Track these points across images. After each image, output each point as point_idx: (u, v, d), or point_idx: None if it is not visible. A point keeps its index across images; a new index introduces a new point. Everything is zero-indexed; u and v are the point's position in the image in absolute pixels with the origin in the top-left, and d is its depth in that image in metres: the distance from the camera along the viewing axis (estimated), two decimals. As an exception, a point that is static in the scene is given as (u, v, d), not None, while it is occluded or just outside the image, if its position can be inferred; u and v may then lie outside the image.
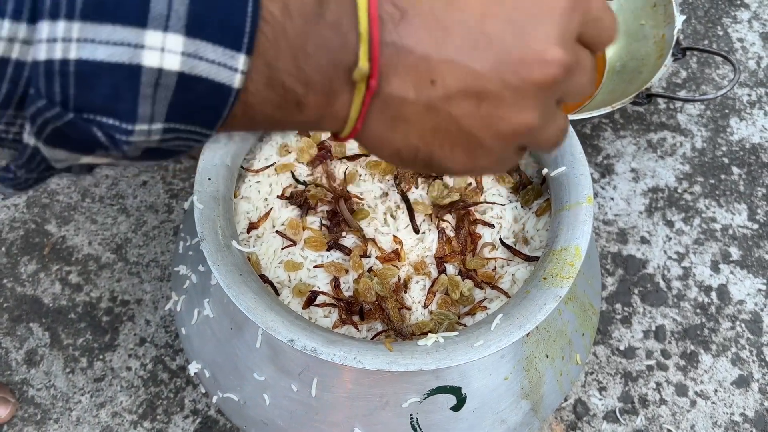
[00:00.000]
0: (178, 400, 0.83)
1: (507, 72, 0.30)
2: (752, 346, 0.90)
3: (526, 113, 0.32)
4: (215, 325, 0.62)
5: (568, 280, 0.55)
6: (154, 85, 0.27)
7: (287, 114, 0.32)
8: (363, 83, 0.31)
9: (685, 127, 1.07)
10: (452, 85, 0.31)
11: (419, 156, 0.34)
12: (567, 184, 0.60)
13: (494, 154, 0.33)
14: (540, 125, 0.32)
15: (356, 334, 0.59)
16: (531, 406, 0.62)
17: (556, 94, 0.32)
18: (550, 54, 0.31)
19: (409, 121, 0.32)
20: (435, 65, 0.30)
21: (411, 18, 0.30)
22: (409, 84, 0.31)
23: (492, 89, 0.31)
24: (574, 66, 0.32)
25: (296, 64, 0.30)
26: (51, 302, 0.89)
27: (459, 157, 0.34)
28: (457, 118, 0.32)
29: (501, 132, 0.32)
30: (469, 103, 0.31)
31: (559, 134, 0.35)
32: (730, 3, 1.21)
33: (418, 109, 0.31)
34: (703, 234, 0.98)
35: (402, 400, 0.57)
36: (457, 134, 0.32)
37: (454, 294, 0.60)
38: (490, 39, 0.30)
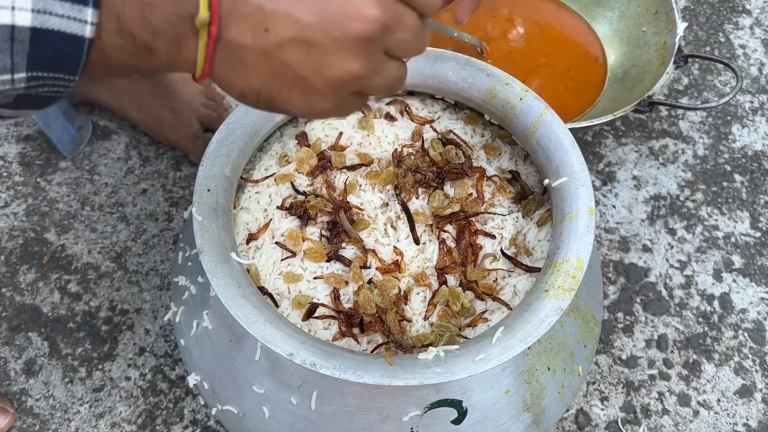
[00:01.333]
0: (177, 410, 0.83)
1: (330, 25, 0.35)
2: (755, 356, 0.89)
3: (350, 63, 0.36)
4: (214, 337, 0.62)
5: (570, 292, 0.54)
6: (10, 40, 0.31)
7: (140, 59, 0.35)
8: (204, 30, 0.35)
9: (687, 135, 1.07)
10: (283, 33, 0.35)
11: (261, 97, 0.38)
12: (568, 195, 0.59)
13: (329, 98, 0.38)
14: (366, 74, 0.37)
15: (356, 347, 0.59)
16: (532, 419, 0.62)
17: (379, 47, 0.37)
18: (368, 11, 0.35)
19: (248, 66, 0.36)
20: (269, 15, 0.34)
21: None
22: (247, 31, 0.35)
23: (318, 39, 0.35)
24: (392, 23, 0.36)
25: (143, 14, 0.34)
26: (50, 311, 0.89)
27: (297, 100, 0.38)
28: (290, 64, 0.36)
29: (329, 78, 0.36)
30: (299, 51, 0.35)
31: (392, 82, 0.40)
32: (732, 9, 1.21)
33: (256, 55, 0.36)
34: (705, 242, 0.98)
35: (402, 413, 0.56)
36: (292, 79, 0.37)
37: (455, 306, 0.59)
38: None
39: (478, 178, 0.66)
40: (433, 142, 0.67)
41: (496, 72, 0.66)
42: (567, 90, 1.03)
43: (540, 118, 0.63)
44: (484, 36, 1.05)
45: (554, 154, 0.62)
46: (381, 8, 0.35)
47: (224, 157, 0.61)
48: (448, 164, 0.66)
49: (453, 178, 0.66)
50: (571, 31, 1.09)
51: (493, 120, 0.68)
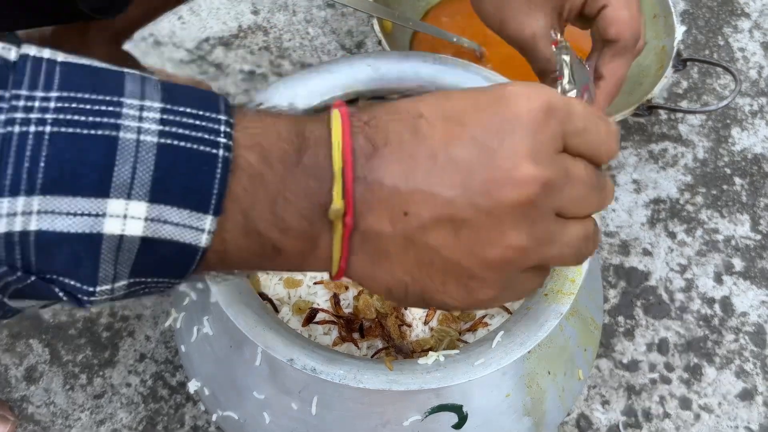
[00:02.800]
0: (178, 416, 0.83)
1: (477, 195, 0.29)
2: (756, 359, 0.89)
3: (509, 236, 0.30)
4: (215, 343, 0.62)
5: (570, 296, 0.54)
6: (116, 250, 0.27)
7: (266, 259, 0.31)
8: (339, 222, 0.30)
9: (687, 138, 1.07)
10: (424, 215, 0.29)
11: (410, 291, 0.32)
12: (568, 199, 0.60)
13: (492, 283, 0.31)
14: (535, 245, 0.30)
15: (356, 352, 0.59)
16: (533, 423, 0.62)
17: (545, 210, 0.30)
18: (522, 171, 0.29)
19: (391, 256, 0.31)
20: (406, 196, 0.29)
21: (382, 151, 0.30)
22: (384, 218, 0.30)
23: (465, 215, 0.29)
24: (556, 180, 0.30)
25: (273, 211, 0.29)
26: (51, 318, 0.89)
27: (453, 290, 0.31)
28: (437, 248, 0.30)
29: (488, 259, 0.30)
30: (446, 232, 0.30)
31: (576, 247, 0.33)
32: (731, 12, 1.21)
33: (397, 243, 0.30)
34: (705, 245, 0.98)
35: (403, 418, 0.56)
36: (442, 266, 0.31)
37: (454, 310, 0.59)
38: (457, 163, 0.29)
39: (478, 182, 0.66)
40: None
41: (494, 76, 0.66)
42: (566, 94, 1.03)
43: (539, 122, 0.63)
44: (483, 41, 1.06)
45: (553, 158, 0.62)
46: (538, 165, 0.29)
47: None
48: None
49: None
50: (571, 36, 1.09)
51: (492, 124, 0.68)
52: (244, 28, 1.17)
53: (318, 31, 1.18)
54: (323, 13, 1.20)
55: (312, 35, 1.18)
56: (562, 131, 0.31)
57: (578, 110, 0.31)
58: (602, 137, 0.32)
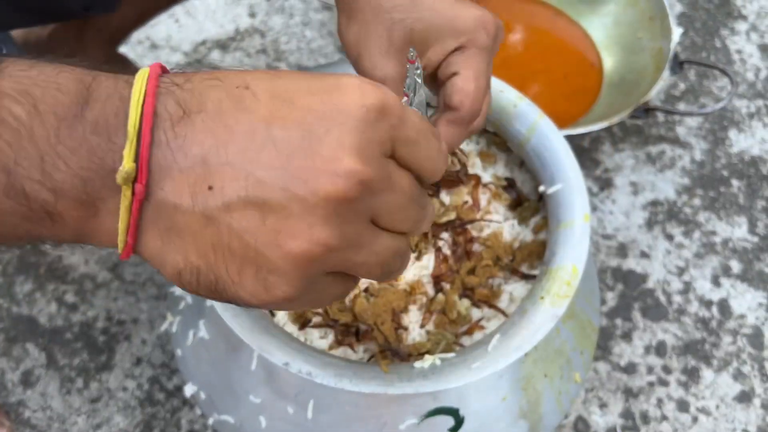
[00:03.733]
0: (174, 420, 0.83)
1: (293, 181, 0.27)
2: (754, 361, 0.89)
3: (318, 231, 0.27)
4: (210, 347, 0.62)
5: (566, 299, 0.54)
6: None
7: (38, 226, 0.28)
8: (128, 188, 0.27)
9: (684, 140, 1.07)
10: (231, 192, 0.27)
11: (201, 278, 0.29)
12: (563, 202, 0.60)
13: (292, 279, 0.28)
14: (342, 246, 0.28)
15: (352, 356, 0.59)
16: (530, 426, 0.62)
17: (360, 211, 0.28)
18: (343, 164, 0.27)
19: (185, 234, 0.28)
20: (213, 169, 0.27)
21: (194, 118, 0.28)
22: (184, 189, 0.27)
23: (277, 200, 0.27)
24: (377, 181, 0.28)
25: (42, 169, 0.27)
26: (47, 322, 0.89)
27: (249, 282, 0.28)
28: (239, 232, 0.27)
29: (291, 251, 0.27)
30: (252, 215, 0.27)
31: (385, 259, 0.31)
32: (728, 15, 1.22)
33: (195, 219, 0.27)
34: (703, 247, 0.98)
35: (399, 421, 0.56)
36: (242, 253, 0.28)
37: (451, 314, 0.59)
38: (277, 143, 0.27)
39: (474, 185, 0.66)
40: (428, 149, 0.68)
41: (490, 79, 0.66)
42: (563, 96, 1.03)
43: (534, 125, 0.63)
44: (480, 43, 1.06)
45: (549, 161, 0.62)
46: (361, 161, 0.27)
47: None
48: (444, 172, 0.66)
49: (448, 185, 0.66)
50: (568, 38, 1.09)
51: (488, 127, 0.68)
52: (241, 30, 1.17)
53: (315, 33, 1.18)
54: (320, 16, 1.20)
55: (309, 38, 1.18)
56: (393, 136, 0.29)
57: (413, 121, 0.30)
58: (432, 154, 0.31)
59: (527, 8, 1.11)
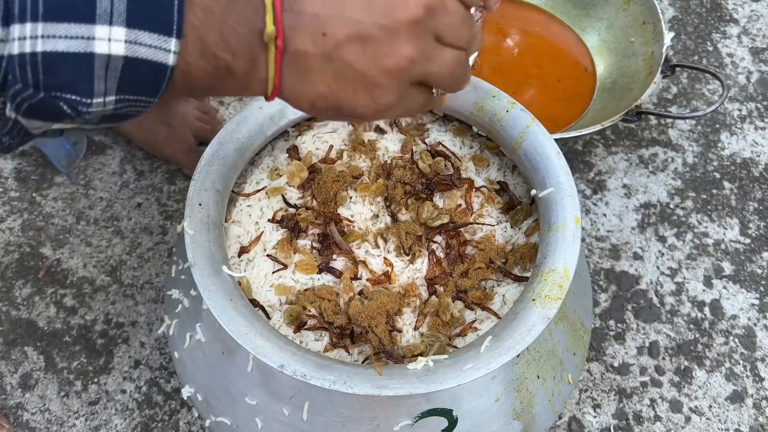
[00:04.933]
0: (172, 422, 0.83)
1: (378, 15, 0.37)
2: (746, 361, 0.90)
3: (402, 47, 0.38)
4: (207, 350, 0.62)
5: (557, 301, 0.55)
6: (105, 68, 0.34)
7: (221, 80, 0.38)
8: (272, 44, 0.37)
9: (677, 143, 1.08)
10: (338, 34, 0.37)
11: (329, 102, 0.40)
12: (555, 205, 0.60)
13: (391, 90, 0.39)
14: (420, 58, 0.39)
15: (347, 358, 0.59)
16: (523, 427, 0.62)
17: (428, 30, 0.39)
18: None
19: (313, 72, 0.38)
20: (323, 19, 0.37)
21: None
22: (308, 39, 0.37)
23: (370, 32, 0.37)
24: (437, 6, 0.38)
25: (223, 37, 0.37)
26: (46, 325, 0.90)
27: (362, 98, 0.40)
28: (350, 62, 0.38)
29: (387, 68, 0.38)
30: (356, 47, 0.38)
31: (451, 68, 0.41)
32: (720, 18, 1.23)
33: (318, 60, 0.38)
34: (695, 249, 0.98)
35: (393, 423, 0.57)
36: (354, 77, 0.39)
37: (444, 316, 0.60)
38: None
39: (467, 189, 0.67)
40: (422, 154, 0.68)
41: (483, 85, 0.67)
42: (557, 100, 1.04)
43: (526, 129, 0.64)
44: (475, 48, 1.06)
45: (541, 164, 0.63)
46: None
47: (215, 172, 0.61)
48: (437, 176, 0.67)
49: (442, 189, 0.67)
50: (561, 43, 1.10)
51: (481, 132, 0.69)
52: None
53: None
54: None
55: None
56: None
57: None
58: None
59: (521, 13, 1.12)
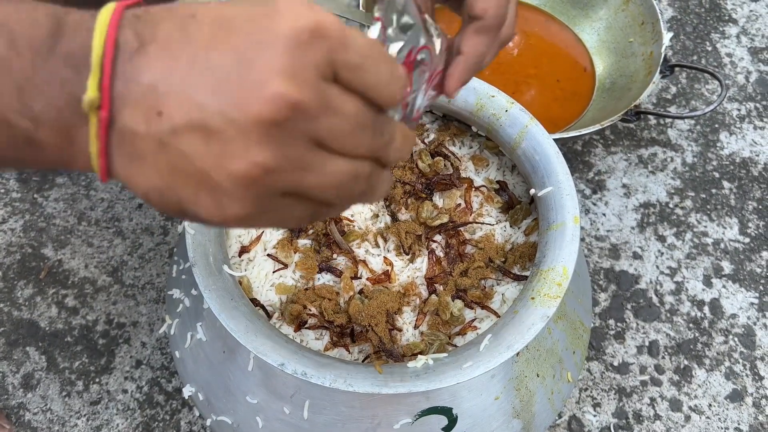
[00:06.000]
0: (174, 422, 0.83)
1: (227, 105, 0.28)
2: (745, 360, 0.90)
3: (254, 152, 0.29)
4: (208, 349, 0.63)
5: (556, 299, 0.55)
6: None
7: (23, 152, 0.31)
8: (94, 114, 0.29)
9: (676, 143, 1.08)
10: (177, 117, 0.29)
11: (166, 199, 0.31)
12: (553, 205, 0.61)
13: (243, 201, 0.30)
14: (284, 168, 0.29)
15: (347, 356, 0.59)
16: (522, 425, 0.63)
17: (296, 134, 0.29)
18: (271, 88, 0.28)
19: (146, 158, 0.30)
20: (162, 96, 0.29)
21: (147, 48, 0.29)
22: (139, 116, 0.29)
23: (215, 123, 0.28)
24: (310, 105, 0.29)
25: (21, 99, 0.29)
26: (47, 326, 0.90)
27: (205, 202, 0.30)
28: (189, 155, 0.29)
29: (234, 173, 0.29)
30: (197, 139, 0.29)
31: (337, 181, 0.31)
32: (719, 19, 1.23)
33: (151, 144, 0.29)
34: (694, 248, 0.99)
35: (394, 421, 0.57)
36: (195, 175, 0.30)
37: (444, 315, 0.60)
38: (214, 69, 0.29)
39: (467, 188, 0.67)
40: (421, 153, 0.69)
41: (482, 85, 0.67)
42: (556, 100, 1.05)
43: (525, 129, 0.64)
44: (474, 48, 1.07)
45: (539, 164, 0.63)
46: (291, 84, 0.28)
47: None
48: (437, 175, 0.68)
49: (442, 188, 0.67)
50: (560, 43, 1.11)
51: (480, 131, 0.69)
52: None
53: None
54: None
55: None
56: (331, 59, 0.29)
57: (357, 44, 0.30)
58: (382, 79, 0.31)
59: (520, 14, 1.13)
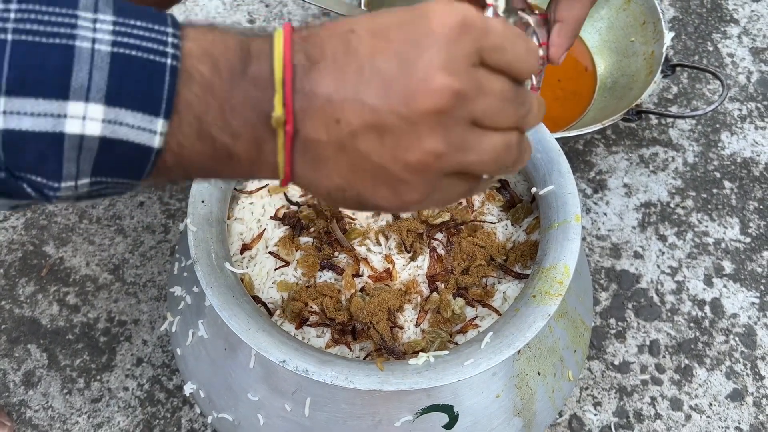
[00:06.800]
0: (175, 419, 0.84)
1: (397, 103, 0.32)
2: (746, 360, 0.90)
3: (426, 141, 0.32)
4: (209, 346, 0.63)
5: (557, 297, 0.55)
6: (78, 149, 0.30)
7: (221, 164, 0.34)
8: (281, 129, 0.33)
9: (677, 142, 1.08)
10: (353, 121, 0.32)
11: (347, 195, 0.35)
12: (555, 203, 0.61)
13: (417, 186, 0.34)
14: (451, 151, 0.33)
15: (349, 354, 0.60)
16: (523, 423, 0.63)
17: (459, 119, 0.33)
18: (435, 82, 0.31)
19: (328, 161, 0.33)
20: (337, 105, 0.32)
21: (318, 66, 0.33)
22: (320, 125, 0.32)
23: (388, 122, 0.32)
24: (468, 91, 0.32)
25: (223, 117, 0.32)
26: (49, 323, 0.90)
27: (383, 193, 0.34)
28: (366, 153, 0.33)
29: (410, 163, 0.33)
30: (373, 138, 0.32)
31: (497, 155, 0.35)
32: (720, 19, 1.23)
33: (332, 149, 0.33)
34: (695, 248, 0.99)
35: (395, 418, 0.57)
36: (372, 170, 0.33)
37: (445, 313, 0.60)
38: (380, 74, 0.32)
39: (468, 187, 0.67)
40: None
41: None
42: (557, 100, 1.05)
43: (527, 127, 0.64)
44: (476, 47, 1.07)
45: (541, 162, 0.63)
46: (450, 76, 0.32)
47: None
48: (438, 174, 0.68)
49: (443, 187, 0.67)
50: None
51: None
52: (240, 36, 1.19)
53: (313, 38, 1.19)
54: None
55: (307, 43, 1.19)
56: (478, 47, 0.33)
57: (496, 28, 0.33)
58: (520, 54, 0.34)
59: (522, 13, 1.13)
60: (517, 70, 0.34)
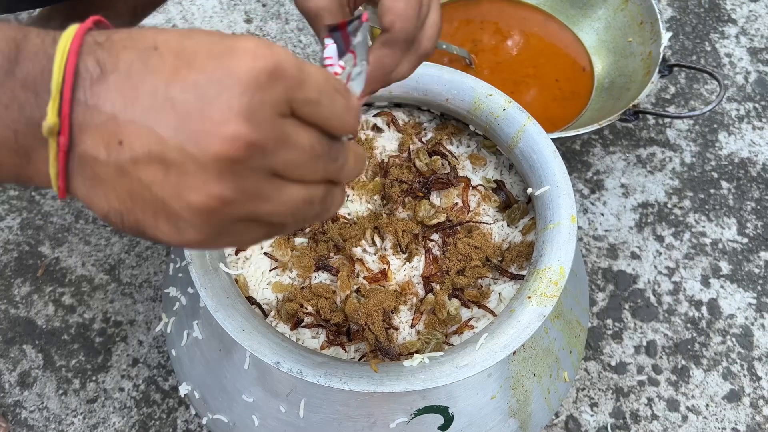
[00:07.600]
0: (170, 420, 0.83)
1: (187, 141, 0.29)
2: (743, 360, 0.90)
3: (212, 186, 0.29)
4: (204, 347, 0.63)
5: (553, 299, 0.55)
6: None
7: None
8: (53, 139, 0.30)
9: (674, 143, 1.08)
10: (137, 147, 0.29)
11: (125, 221, 0.32)
12: (550, 204, 0.61)
13: (201, 228, 0.31)
14: (241, 199, 0.30)
15: (344, 355, 0.59)
16: (519, 425, 0.63)
17: (254, 168, 0.30)
18: (229, 128, 0.29)
19: (106, 183, 0.31)
20: (122, 126, 0.29)
21: (108, 76, 0.30)
22: (100, 143, 0.30)
23: (175, 157, 0.29)
24: (267, 143, 0.29)
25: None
26: (44, 324, 0.90)
27: (164, 228, 0.31)
28: (148, 184, 0.30)
29: (192, 204, 0.30)
30: (157, 169, 0.29)
31: (296, 208, 0.32)
32: (718, 19, 1.23)
33: (111, 171, 0.30)
34: (693, 248, 0.99)
35: (390, 420, 0.57)
36: (153, 202, 0.30)
37: (440, 314, 0.60)
38: (174, 103, 0.29)
39: (464, 187, 0.67)
40: (419, 152, 0.69)
41: (479, 84, 0.67)
42: (555, 100, 1.04)
43: (522, 128, 0.64)
44: (473, 48, 1.07)
45: (537, 163, 0.63)
46: (247, 124, 0.29)
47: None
48: (434, 174, 0.67)
49: (439, 187, 0.67)
50: (559, 42, 1.11)
51: (478, 130, 0.69)
52: (237, 35, 1.18)
53: (310, 39, 1.19)
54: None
55: (304, 43, 1.19)
56: (288, 97, 0.30)
57: (313, 80, 0.31)
58: (337, 112, 0.32)
59: (519, 13, 1.13)
60: (332, 128, 0.32)
